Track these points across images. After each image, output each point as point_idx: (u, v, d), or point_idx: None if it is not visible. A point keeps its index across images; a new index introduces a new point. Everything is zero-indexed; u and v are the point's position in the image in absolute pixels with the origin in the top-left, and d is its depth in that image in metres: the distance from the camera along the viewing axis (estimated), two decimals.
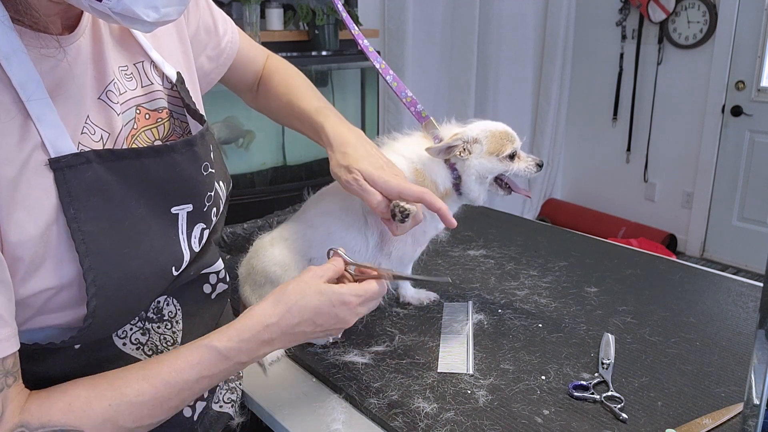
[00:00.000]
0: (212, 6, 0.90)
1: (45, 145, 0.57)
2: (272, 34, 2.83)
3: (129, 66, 0.70)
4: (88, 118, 0.63)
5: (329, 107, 0.95)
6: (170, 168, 0.67)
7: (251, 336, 0.69)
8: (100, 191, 0.60)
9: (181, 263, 0.69)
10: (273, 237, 1.00)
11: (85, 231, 0.58)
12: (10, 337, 0.56)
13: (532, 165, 0.99)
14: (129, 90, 0.69)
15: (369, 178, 0.85)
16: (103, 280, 0.59)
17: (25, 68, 0.56)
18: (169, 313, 0.73)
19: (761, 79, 3.57)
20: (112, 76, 0.67)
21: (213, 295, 0.80)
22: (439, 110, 3.74)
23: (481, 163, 0.97)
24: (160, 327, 0.72)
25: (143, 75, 0.72)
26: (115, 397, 0.61)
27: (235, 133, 2.70)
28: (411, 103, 0.98)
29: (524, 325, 1.02)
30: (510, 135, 0.99)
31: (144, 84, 0.71)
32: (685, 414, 0.79)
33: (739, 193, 3.75)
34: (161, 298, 0.72)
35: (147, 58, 0.73)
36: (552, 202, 4.52)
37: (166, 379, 0.64)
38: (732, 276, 1.22)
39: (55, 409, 0.59)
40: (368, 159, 0.87)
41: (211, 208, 0.74)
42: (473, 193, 0.99)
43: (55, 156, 0.57)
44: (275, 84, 1.00)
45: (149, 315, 0.71)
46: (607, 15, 4.12)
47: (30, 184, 0.56)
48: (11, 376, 0.57)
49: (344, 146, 0.88)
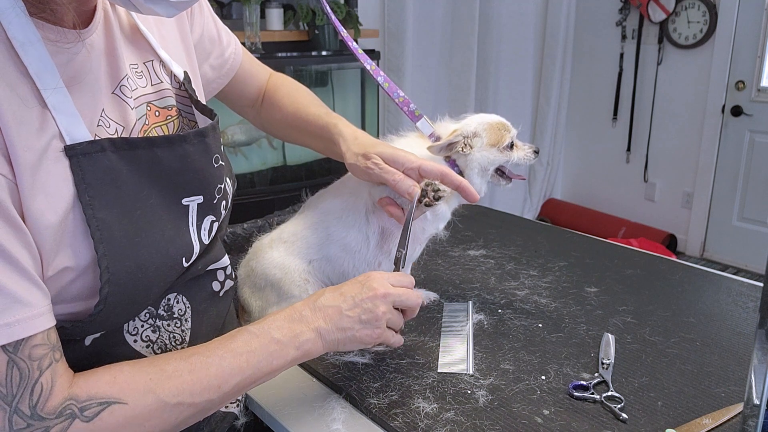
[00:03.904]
0: (216, 18, 0.91)
1: (61, 133, 0.58)
2: (272, 34, 2.83)
3: (139, 64, 0.72)
4: (103, 112, 0.64)
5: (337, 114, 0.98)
6: (182, 159, 0.68)
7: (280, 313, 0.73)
8: (114, 180, 0.61)
9: (191, 255, 0.70)
10: (272, 239, 1.00)
11: (99, 218, 0.60)
12: (50, 310, 0.58)
13: (530, 152, 1.01)
14: (140, 87, 0.70)
15: (389, 158, 0.87)
16: (115, 267, 0.60)
17: (41, 58, 0.57)
18: (179, 311, 0.74)
19: (761, 79, 3.57)
20: (125, 71, 0.68)
21: (221, 293, 0.81)
22: (439, 110, 3.71)
23: (484, 156, 0.97)
24: (170, 324, 0.73)
25: (153, 74, 0.73)
26: (155, 372, 0.63)
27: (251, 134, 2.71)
28: (404, 102, 0.99)
29: (524, 325, 1.02)
30: (506, 125, 1.00)
31: (154, 82, 0.73)
32: (685, 414, 0.79)
33: (739, 193, 3.75)
34: (171, 295, 0.73)
35: (156, 57, 0.74)
36: (552, 202, 4.52)
37: (201, 358, 0.66)
38: (732, 276, 1.22)
39: (101, 382, 0.60)
40: (382, 144, 0.89)
41: (220, 201, 0.75)
42: (475, 186, 0.99)
43: (70, 143, 0.59)
44: (280, 96, 1.02)
45: (160, 312, 0.72)
46: (607, 15, 4.12)
47: (49, 172, 0.57)
48: (58, 351, 0.59)
49: (357, 137, 0.91)
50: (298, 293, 0.95)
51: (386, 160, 0.86)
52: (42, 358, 0.57)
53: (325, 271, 0.98)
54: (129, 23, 0.72)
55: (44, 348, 0.57)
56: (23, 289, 0.55)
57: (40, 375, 0.57)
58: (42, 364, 0.57)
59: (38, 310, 0.56)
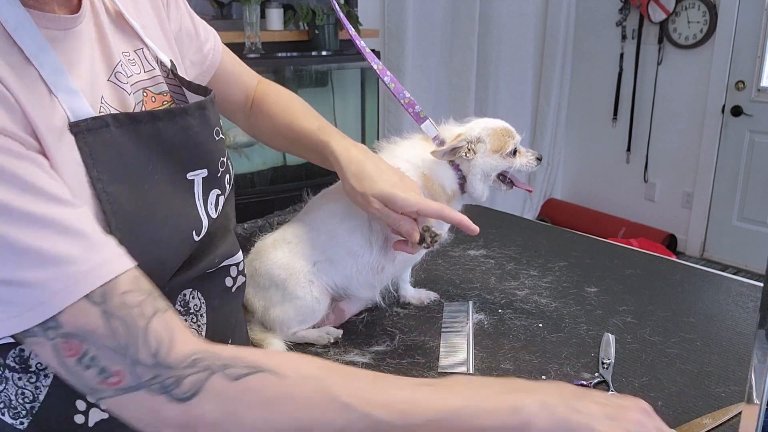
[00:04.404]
0: (192, 13, 0.90)
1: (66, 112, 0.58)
2: (272, 34, 2.83)
3: (131, 52, 0.72)
4: (102, 99, 0.64)
5: (331, 125, 0.96)
6: (185, 131, 0.68)
7: None
8: (119, 155, 0.61)
9: (200, 228, 0.70)
10: (275, 239, 1.00)
11: (109, 192, 0.59)
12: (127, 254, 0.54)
13: (533, 159, 1.01)
14: (135, 74, 0.70)
15: (387, 201, 0.86)
16: (128, 241, 0.59)
17: (35, 39, 0.57)
18: (194, 306, 0.74)
19: (761, 79, 3.57)
20: (118, 58, 0.68)
21: (233, 289, 0.81)
22: (439, 110, 3.74)
23: (486, 162, 0.98)
24: (186, 320, 0.73)
25: (145, 61, 0.73)
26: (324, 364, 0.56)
27: None
28: (409, 104, 0.98)
29: (524, 325, 1.02)
30: (510, 131, 1.00)
31: (146, 69, 0.73)
32: (685, 414, 0.79)
33: (739, 193, 3.75)
34: (187, 290, 0.72)
35: (144, 45, 0.74)
36: (552, 202, 4.52)
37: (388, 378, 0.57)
38: (732, 276, 1.23)
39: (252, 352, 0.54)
40: (381, 177, 0.87)
41: (224, 174, 0.75)
42: (477, 191, 1.00)
43: (74, 120, 0.58)
44: (270, 104, 1.00)
45: (177, 308, 0.71)
46: (607, 15, 4.12)
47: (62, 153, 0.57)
48: (161, 300, 0.54)
49: (354, 165, 0.89)
50: (302, 294, 0.95)
51: (385, 202, 0.86)
52: (141, 305, 0.52)
53: (329, 273, 0.98)
54: (114, 11, 0.72)
55: (138, 294, 0.53)
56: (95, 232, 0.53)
57: (148, 323, 0.52)
58: (144, 311, 0.52)
59: (111, 253, 0.53)
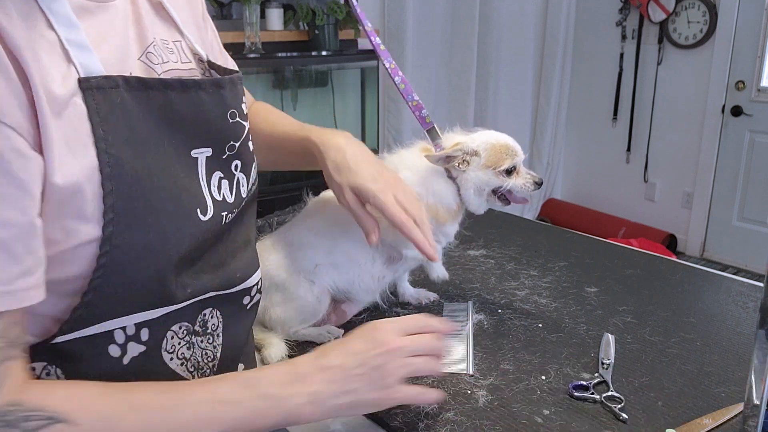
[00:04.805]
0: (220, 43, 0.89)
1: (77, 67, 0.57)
2: (272, 34, 2.83)
3: (170, 42, 0.71)
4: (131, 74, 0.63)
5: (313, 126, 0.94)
6: (195, 106, 0.67)
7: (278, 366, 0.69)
8: (127, 119, 0.60)
9: (205, 209, 0.68)
10: (275, 240, 1.00)
11: (112, 154, 0.57)
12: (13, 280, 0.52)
13: (530, 182, 0.97)
14: (171, 61, 0.70)
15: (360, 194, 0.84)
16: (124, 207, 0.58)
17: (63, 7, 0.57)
18: (212, 326, 0.73)
19: (761, 79, 3.57)
20: (151, 39, 0.68)
21: (248, 306, 0.79)
22: (439, 110, 3.74)
23: (478, 176, 0.95)
24: (203, 341, 0.72)
25: (182, 53, 0.73)
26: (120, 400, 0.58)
27: None
28: (417, 107, 0.98)
29: (524, 325, 1.02)
30: (510, 149, 0.96)
31: (183, 60, 0.72)
32: (685, 414, 0.79)
33: (739, 193, 3.75)
34: (207, 310, 0.71)
35: (183, 38, 0.74)
36: (552, 202, 4.52)
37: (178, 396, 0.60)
38: (732, 276, 1.22)
39: (55, 396, 0.55)
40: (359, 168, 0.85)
41: (232, 159, 0.73)
42: (472, 204, 0.98)
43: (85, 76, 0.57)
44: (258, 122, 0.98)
45: (196, 328, 0.70)
46: (607, 15, 4.12)
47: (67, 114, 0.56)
48: (16, 349, 0.54)
49: (333, 152, 0.87)
50: (303, 294, 0.95)
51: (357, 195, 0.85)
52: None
53: (331, 276, 0.97)
54: None
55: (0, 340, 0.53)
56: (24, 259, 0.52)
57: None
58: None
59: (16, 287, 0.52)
